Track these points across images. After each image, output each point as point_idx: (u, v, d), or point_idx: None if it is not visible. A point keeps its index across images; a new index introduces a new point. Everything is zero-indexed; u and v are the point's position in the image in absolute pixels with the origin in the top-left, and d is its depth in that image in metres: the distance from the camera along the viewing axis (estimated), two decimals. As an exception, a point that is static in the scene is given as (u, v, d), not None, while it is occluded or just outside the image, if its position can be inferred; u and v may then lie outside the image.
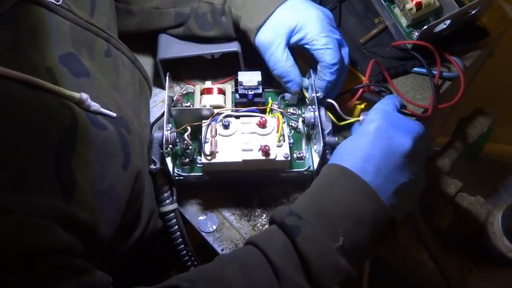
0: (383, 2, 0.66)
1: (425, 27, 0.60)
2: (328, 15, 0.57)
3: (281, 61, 0.55)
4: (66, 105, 0.38)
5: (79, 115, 0.39)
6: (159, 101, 0.66)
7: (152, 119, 0.63)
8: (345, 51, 0.58)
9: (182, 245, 0.54)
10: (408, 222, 0.67)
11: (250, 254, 0.41)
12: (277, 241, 0.41)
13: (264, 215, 0.56)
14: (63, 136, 0.36)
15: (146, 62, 0.69)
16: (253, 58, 0.60)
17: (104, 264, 0.40)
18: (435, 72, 0.64)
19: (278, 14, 0.56)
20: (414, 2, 0.63)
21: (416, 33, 0.64)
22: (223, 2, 0.59)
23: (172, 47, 0.63)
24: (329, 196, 0.43)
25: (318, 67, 0.56)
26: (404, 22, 0.65)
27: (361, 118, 0.52)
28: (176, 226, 0.54)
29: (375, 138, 0.45)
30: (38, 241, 0.32)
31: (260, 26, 0.56)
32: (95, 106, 0.41)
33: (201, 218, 0.56)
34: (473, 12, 0.62)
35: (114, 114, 0.44)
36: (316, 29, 0.54)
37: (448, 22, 0.62)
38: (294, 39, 0.56)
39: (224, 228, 0.55)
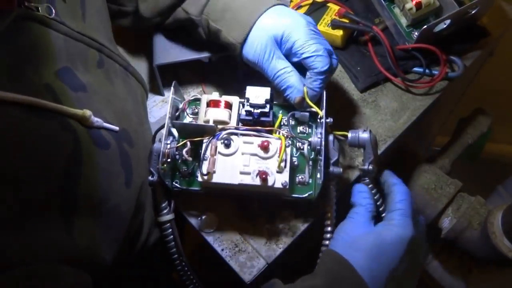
0: (383, 2, 0.66)
1: (425, 27, 0.60)
2: (310, 21, 0.53)
3: (282, 68, 0.51)
4: (69, 126, 0.37)
5: (82, 136, 0.37)
6: (159, 101, 0.66)
7: (152, 119, 0.63)
8: (334, 57, 0.54)
9: (176, 255, 0.53)
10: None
11: None
12: None
13: (264, 215, 0.56)
14: (69, 161, 0.35)
15: (142, 65, 0.68)
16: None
17: (106, 276, 0.40)
18: (436, 72, 0.64)
19: (261, 23, 0.52)
20: (414, 2, 0.63)
21: (416, 33, 0.64)
22: (200, 13, 0.55)
23: (169, 52, 0.62)
24: None
25: (308, 74, 0.52)
26: (404, 22, 0.65)
27: (349, 135, 0.52)
28: (171, 236, 0.53)
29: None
30: None
31: (245, 40, 0.52)
32: (98, 121, 0.40)
33: (201, 218, 0.56)
34: (473, 12, 0.62)
35: (117, 128, 0.43)
36: (304, 36, 0.50)
37: (448, 22, 0.62)
38: (283, 49, 0.52)
39: (224, 228, 0.55)
